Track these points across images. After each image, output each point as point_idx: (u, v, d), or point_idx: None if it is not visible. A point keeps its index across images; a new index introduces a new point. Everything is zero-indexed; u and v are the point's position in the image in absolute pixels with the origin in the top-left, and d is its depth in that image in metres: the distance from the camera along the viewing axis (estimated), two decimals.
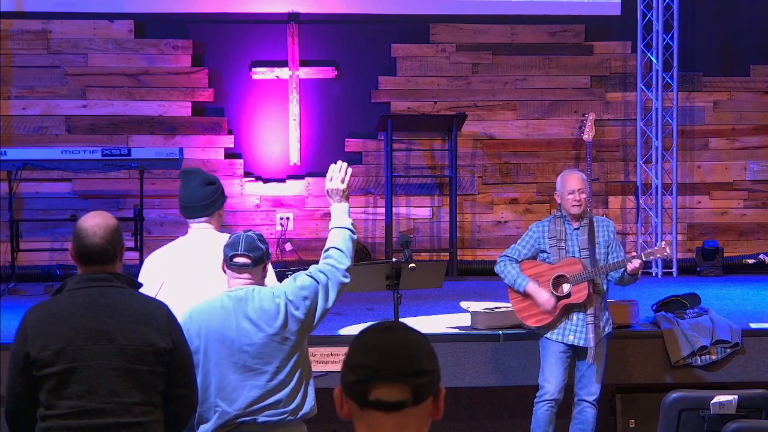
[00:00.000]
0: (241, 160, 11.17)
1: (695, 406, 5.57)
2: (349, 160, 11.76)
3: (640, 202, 11.21)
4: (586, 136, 10.73)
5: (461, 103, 11.32)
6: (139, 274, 4.96)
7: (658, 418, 5.66)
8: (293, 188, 11.20)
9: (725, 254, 11.07)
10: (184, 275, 4.96)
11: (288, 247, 11.06)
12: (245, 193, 11.13)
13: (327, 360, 7.16)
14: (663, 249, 6.81)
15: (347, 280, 4.72)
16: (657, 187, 11.12)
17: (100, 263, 4.00)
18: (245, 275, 4.61)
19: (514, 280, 6.72)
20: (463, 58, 11.37)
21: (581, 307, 6.66)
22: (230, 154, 11.19)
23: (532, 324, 6.77)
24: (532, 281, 6.68)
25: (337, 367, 2.28)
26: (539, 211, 11.26)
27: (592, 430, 6.76)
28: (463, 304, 7.79)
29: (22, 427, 3.98)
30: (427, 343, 2.38)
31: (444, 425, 7.54)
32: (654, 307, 8.01)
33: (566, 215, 6.74)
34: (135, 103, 11.07)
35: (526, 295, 6.71)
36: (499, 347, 7.40)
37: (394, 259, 6.83)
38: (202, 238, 5.07)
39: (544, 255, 6.73)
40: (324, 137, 11.30)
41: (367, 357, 2.33)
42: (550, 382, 6.67)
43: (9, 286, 9.70)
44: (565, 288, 6.64)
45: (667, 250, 6.82)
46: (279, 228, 11.12)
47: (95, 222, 4.02)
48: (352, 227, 4.84)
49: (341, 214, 4.87)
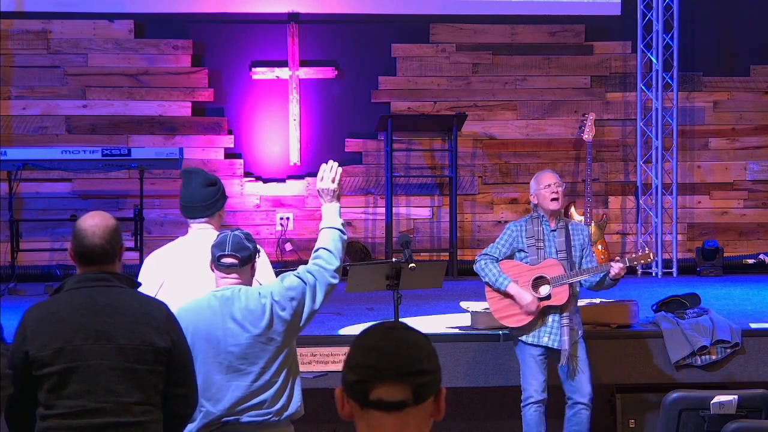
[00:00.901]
0: (241, 160, 11.17)
1: (695, 406, 5.57)
2: (349, 160, 11.76)
3: (640, 202, 11.21)
4: (586, 136, 10.74)
5: (461, 103, 11.32)
6: (138, 274, 4.96)
7: (658, 418, 5.66)
8: (293, 188, 11.20)
9: (725, 254, 11.07)
10: (184, 275, 4.96)
11: (288, 247, 11.06)
12: (245, 193, 11.13)
13: (327, 360, 7.16)
14: (647, 255, 6.82)
15: (335, 281, 4.70)
16: (657, 187, 11.12)
17: (100, 263, 4.00)
18: (233, 275, 4.60)
19: (495, 278, 6.67)
20: (463, 58, 11.37)
21: (557, 309, 6.65)
22: (230, 154, 11.19)
23: (510, 324, 6.75)
24: (514, 282, 6.65)
25: (337, 367, 2.28)
26: None
27: (588, 431, 6.75)
28: (463, 304, 7.78)
29: (22, 427, 3.98)
30: (428, 343, 2.38)
31: (444, 425, 7.53)
32: (654, 307, 8.00)
33: (543, 215, 6.72)
34: (135, 103, 11.07)
35: (506, 295, 6.68)
36: (499, 347, 7.40)
37: (394, 259, 6.83)
38: (202, 239, 5.06)
39: (522, 255, 6.70)
40: (324, 137, 11.30)
41: (367, 357, 2.34)
42: (532, 384, 6.67)
43: (9, 286, 9.70)
44: (544, 290, 6.62)
45: (651, 257, 6.84)
46: (279, 228, 11.12)
47: (94, 222, 4.02)
48: (342, 228, 4.82)
49: (332, 214, 4.85)
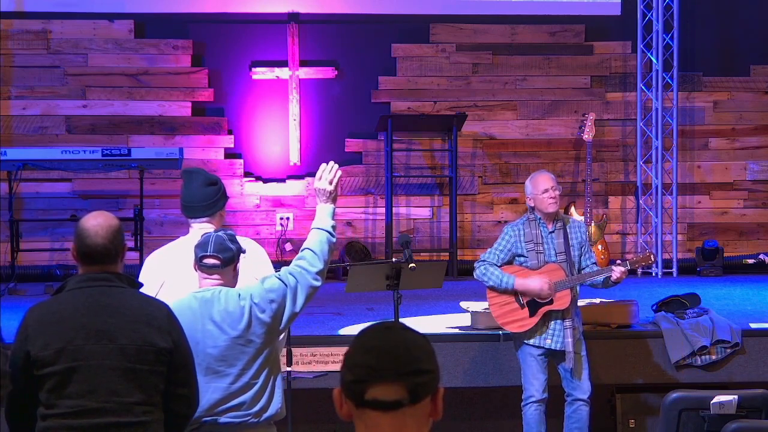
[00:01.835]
0: (241, 160, 11.17)
1: (695, 406, 5.57)
2: (349, 160, 11.76)
3: (640, 202, 11.21)
4: (586, 136, 10.74)
5: (461, 103, 11.32)
6: (139, 274, 4.96)
7: (658, 418, 5.67)
8: (293, 188, 11.20)
9: (725, 254, 11.07)
10: (184, 275, 4.95)
11: (288, 247, 11.06)
12: (245, 193, 11.13)
13: (327, 360, 7.16)
14: (648, 257, 6.82)
15: (318, 283, 4.66)
16: (657, 187, 11.12)
17: (102, 263, 4.00)
18: (215, 276, 4.58)
19: (499, 280, 6.63)
20: (463, 58, 11.38)
21: (559, 313, 6.64)
22: (230, 154, 11.19)
23: (513, 330, 6.74)
24: (518, 276, 6.64)
25: (337, 367, 2.28)
26: None
27: (588, 428, 6.76)
28: (463, 304, 7.79)
29: (22, 427, 3.99)
30: (426, 343, 2.38)
31: (444, 425, 7.53)
32: (654, 307, 8.00)
33: (540, 217, 6.68)
34: (135, 103, 11.07)
35: (515, 292, 6.66)
36: (499, 347, 7.40)
37: (394, 259, 6.83)
38: None
39: (522, 259, 6.67)
40: (324, 137, 11.30)
41: (364, 356, 2.34)
42: (534, 384, 6.67)
43: (9, 286, 9.71)
44: None
45: (651, 259, 6.83)
46: (279, 228, 11.12)
47: (97, 222, 4.02)
48: (332, 230, 4.76)
49: (324, 215, 4.80)
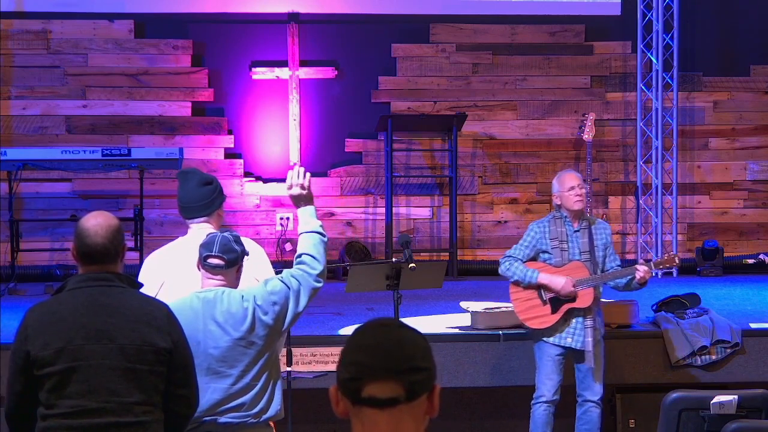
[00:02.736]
0: (241, 160, 11.17)
1: (695, 406, 5.57)
2: (349, 160, 11.78)
3: (640, 202, 11.21)
4: (586, 136, 10.73)
5: (461, 103, 11.32)
6: (138, 274, 4.96)
7: (658, 418, 5.67)
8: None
9: (725, 254, 11.07)
10: (183, 275, 4.96)
11: (288, 247, 11.05)
12: (245, 193, 11.12)
13: (327, 360, 7.16)
14: (672, 259, 6.79)
15: (320, 284, 4.68)
16: (657, 187, 11.12)
17: (102, 263, 4.00)
18: (218, 277, 4.59)
19: (524, 275, 6.65)
20: (463, 58, 11.37)
21: (581, 312, 6.64)
22: (230, 154, 11.19)
23: (534, 326, 6.74)
24: (542, 272, 6.64)
25: None
26: (539, 211, 11.26)
27: (598, 429, 6.76)
28: (463, 304, 7.78)
29: (22, 426, 3.99)
30: (422, 340, 2.39)
31: (444, 425, 7.54)
32: (654, 307, 8.00)
33: (566, 215, 6.70)
34: (135, 103, 11.07)
35: (539, 287, 6.66)
36: (499, 347, 7.40)
37: (394, 259, 6.83)
38: (202, 238, 5.06)
39: (546, 256, 6.70)
40: (324, 137, 11.30)
41: (360, 354, 2.34)
42: (546, 384, 6.67)
43: (9, 286, 9.70)
44: None
45: (676, 260, 6.81)
46: (279, 228, 11.12)
47: (97, 222, 4.02)
48: (321, 230, 4.76)
49: (308, 217, 4.80)
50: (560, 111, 11.41)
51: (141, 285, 4.15)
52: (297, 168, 4.88)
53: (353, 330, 2.42)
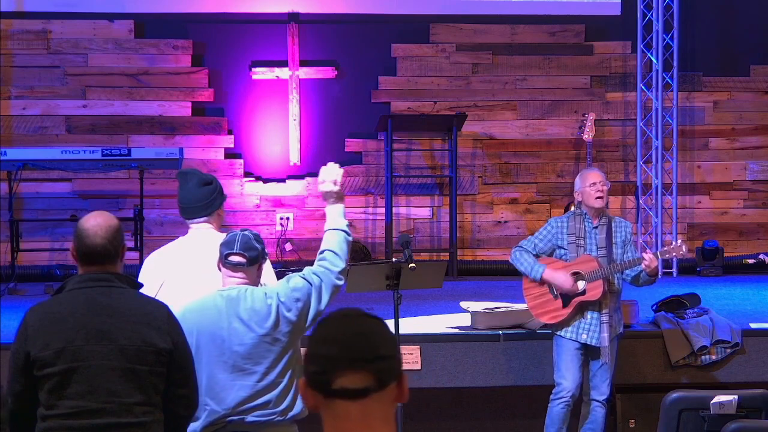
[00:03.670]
0: (241, 160, 11.17)
1: (695, 406, 5.58)
2: (349, 160, 11.76)
3: (640, 202, 11.21)
4: (586, 136, 10.73)
5: (461, 103, 11.32)
6: (138, 274, 4.96)
7: (658, 418, 5.67)
8: (293, 188, 11.20)
9: (725, 254, 11.07)
10: (183, 275, 4.96)
11: (288, 247, 11.06)
12: (245, 193, 11.13)
13: None
14: (679, 247, 6.68)
15: (341, 282, 4.72)
16: (657, 187, 11.12)
17: (102, 263, 4.00)
18: (239, 274, 4.61)
19: (530, 267, 6.65)
20: (463, 58, 11.38)
21: (596, 306, 6.62)
22: (230, 154, 11.19)
23: (546, 321, 6.73)
24: (548, 267, 6.63)
25: None
26: (539, 211, 11.27)
27: (603, 430, 6.75)
28: (463, 304, 7.78)
29: (22, 427, 3.98)
30: (385, 328, 2.41)
31: (444, 425, 7.55)
32: (654, 307, 8.00)
33: (586, 212, 6.69)
34: (135, 103, 11.07)
35: (542, 282, 6.66)
36: (499, 347, 7.40)
37: (394, 259, 6.83)
38: (202, 238, 5.06)
39: (562, 251, 6.68)
40: (324, 137, 11.30)
41: (326, 347, 2.36)
42: (567, 378, 6.63)
43: (9, 286, 9.70)
44: (580, 285, 6.60)
45: (683, 249, 6.69)
46: (279, 228, 11.12)
47: (97, 222, 4.02)
48: (347, 229, 4.82)
49: (336, 215, 4.85)
50: (560, 111, 11.41)
51: (141, 285, 4.15)
52: (331, 164, 4.90)
53: (316, 323, 2.43)
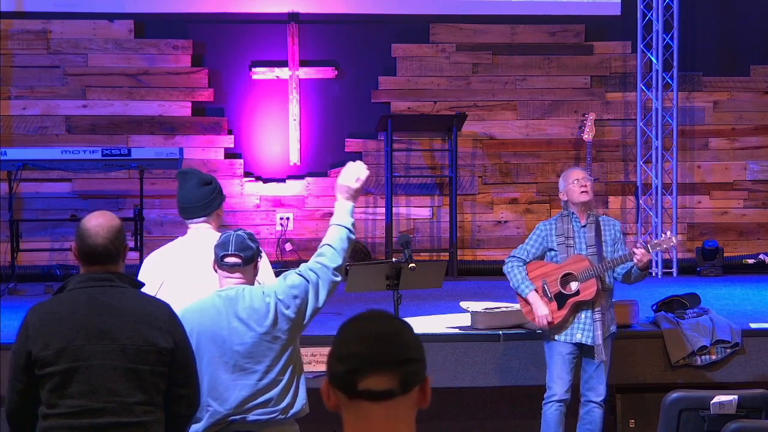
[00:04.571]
0: (241, 160, 11.17)
1: (695, 406, 5.57)
2: (349, 160, 11.76)
3: (640, 202, 11.21)
4: (586, 136, 10.73)
5: (461, 103, 11.32)
6: (138, 274, 4.96)
7: (658, 418, 5.67)
8: (293, 188, 11.20)
9: (725, 254, 11.07)
10: (183, 275, 4.97)
11: (288, 247, 11.06)
12: (245, 193, 11.13)
13: (327, 360, 7.14)
14: (669, 239, 6.61)
15: (338, 279, 4.71)
16: (657, 187, 11.12)
17: (103, 263, 4.00)
18: (236, 275, 4.62)
19: (519, 284, 6.67)
20: (463, 58, 11.38)
21: (589, 305, 6.62)
22: (230, 154, 11.19)
23: (540, 325, 6.74)
24: (535, 292, 6.64)
25: None
26: (539, 211, 11.26)
27: (600, 430, 6.75)
28: (463, 304, 7.78)
29: (23, 426, 3.99)
30: (412, 331, 2.40)
31: (444, 425, 7.54)
32: (654, 307, 8.00)
33: (573, 212, 6.68)
34: (135, 103, 11.07)
35: (527, 301, 6.68)
36: (499, 347, 7.40)
37: (394, 259, 6.83)
38: (202, 238, 5.06)
39: (552, 253, 6.68)
40: (324, 137, 11.30)
41: (356, 346, 2.34)
42: (557, 383, 6.63)
43: (9, 286, 9.70)
44: (574, 286, 6.60)
45: (673, 240, 6.62)
46: (279, 228, 11.12)
47: (98, 222, 4.02)
48: (351, 227, 4.81)
49: (344, 212, 4.84)
50: (560, 111, 11.41)
51: (142, 285, 4.16)
52: (360, 162, 4.91)
53: (343, 323, 2.42)
